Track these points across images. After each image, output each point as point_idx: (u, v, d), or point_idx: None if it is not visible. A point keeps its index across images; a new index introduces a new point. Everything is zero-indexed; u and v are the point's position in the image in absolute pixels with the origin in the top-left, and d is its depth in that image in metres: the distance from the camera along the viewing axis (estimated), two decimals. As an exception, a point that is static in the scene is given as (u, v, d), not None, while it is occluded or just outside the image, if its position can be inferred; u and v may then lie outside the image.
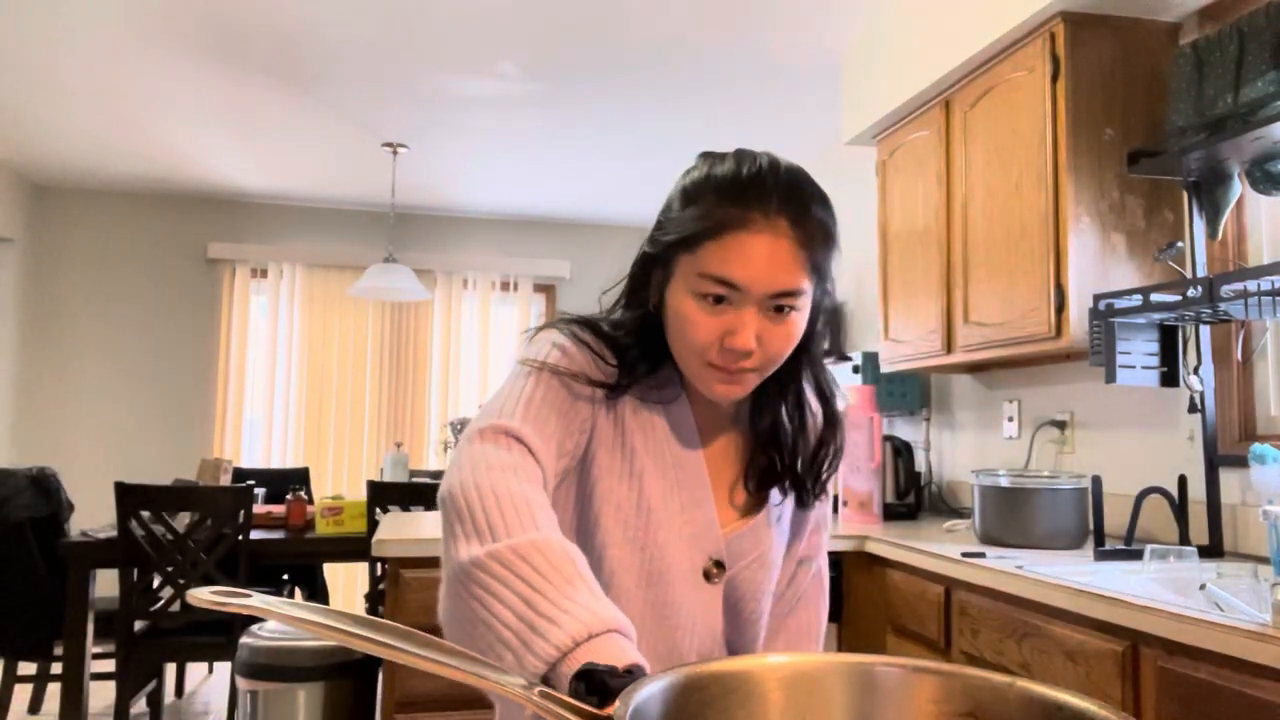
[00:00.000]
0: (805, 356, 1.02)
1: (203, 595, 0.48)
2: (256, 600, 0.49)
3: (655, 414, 1.02)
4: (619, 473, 0.99)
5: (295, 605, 0.50)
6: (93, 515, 4.89)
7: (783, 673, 0.59)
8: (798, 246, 0.92)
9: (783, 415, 1.05)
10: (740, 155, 0.96)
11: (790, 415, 1.06)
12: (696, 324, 0.93)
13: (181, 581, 3.16)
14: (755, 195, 0.91)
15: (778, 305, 0.92)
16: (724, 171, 0.94)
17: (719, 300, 0.92)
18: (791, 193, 0.93)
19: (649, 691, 0.52)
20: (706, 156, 0.98)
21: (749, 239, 0.90)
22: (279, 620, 0.49)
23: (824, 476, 1.07)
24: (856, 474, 3.03)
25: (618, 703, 0.49)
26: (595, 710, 0.50)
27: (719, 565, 1.03)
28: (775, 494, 1.06)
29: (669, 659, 0.99)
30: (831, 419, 1.07)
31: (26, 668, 3.79)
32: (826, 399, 1.07)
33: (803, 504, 1.08)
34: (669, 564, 0.99)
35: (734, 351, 0.92)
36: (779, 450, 1.05)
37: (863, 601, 2.58)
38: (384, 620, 0.51)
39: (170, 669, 4.15)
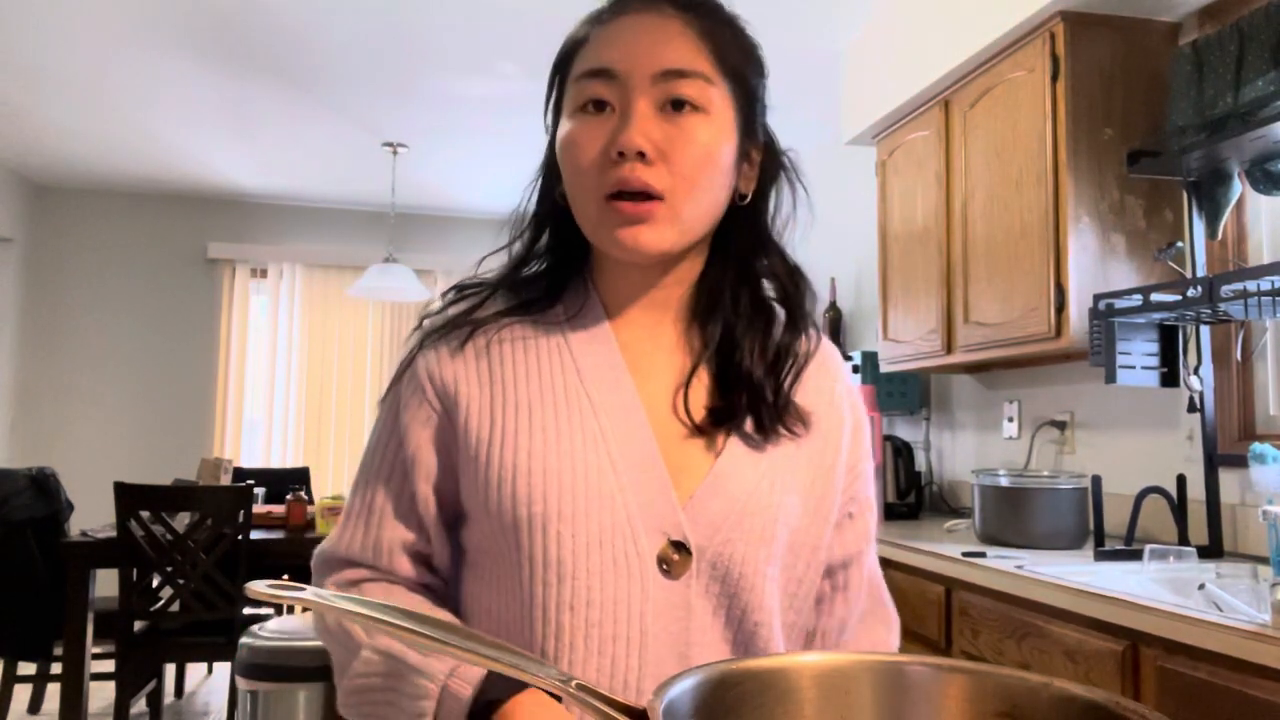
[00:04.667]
0: (754, 228, 0.81)
1: (259, 588, 0.50)
2: (309, 594, 0.52)
3: (548, 337, 0.79)
4: (484, 432, 0.76)
5: (346, 599, 0.52)
6: (93, 515, 4.87)
7: (816, 670, 0.59)
8: (688, 27, 0.75)
9: (731, 313, 0.81)
10: None
11: (741, 311, 0.81)
12: (578, 140, 0.74)
13: (181, 581, 3.15)
14: None
15: (674, 99, 0.73)
16: None
17: (600, 106, 0.74)
18: None
19: (682, 687, 0.52)
20: None
21: (623, 19, 0.76)
22: (327, 613, 0.50)
23: (785, 388, 0.80)
24: (856, 474, 3.03)
25: (652, 696, 0.49)
26: (629, 704, 0.50)
27: (680, 549, 0.73)
28: (749, 429, 0.79)
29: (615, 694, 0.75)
30: (796, 320, 0.82)
31: (26, 668, 3.78)
32: (788, 292, 0.82)
33: (761, 428, 0.78)
34: (579, 539, 0.72)
35: (624, 154, 0.71)
36: (731, 359, 0.80)
37: (862, 601, 2.57)
38: (429, 614, 0.52)
39: (170, 669, 4.14)
